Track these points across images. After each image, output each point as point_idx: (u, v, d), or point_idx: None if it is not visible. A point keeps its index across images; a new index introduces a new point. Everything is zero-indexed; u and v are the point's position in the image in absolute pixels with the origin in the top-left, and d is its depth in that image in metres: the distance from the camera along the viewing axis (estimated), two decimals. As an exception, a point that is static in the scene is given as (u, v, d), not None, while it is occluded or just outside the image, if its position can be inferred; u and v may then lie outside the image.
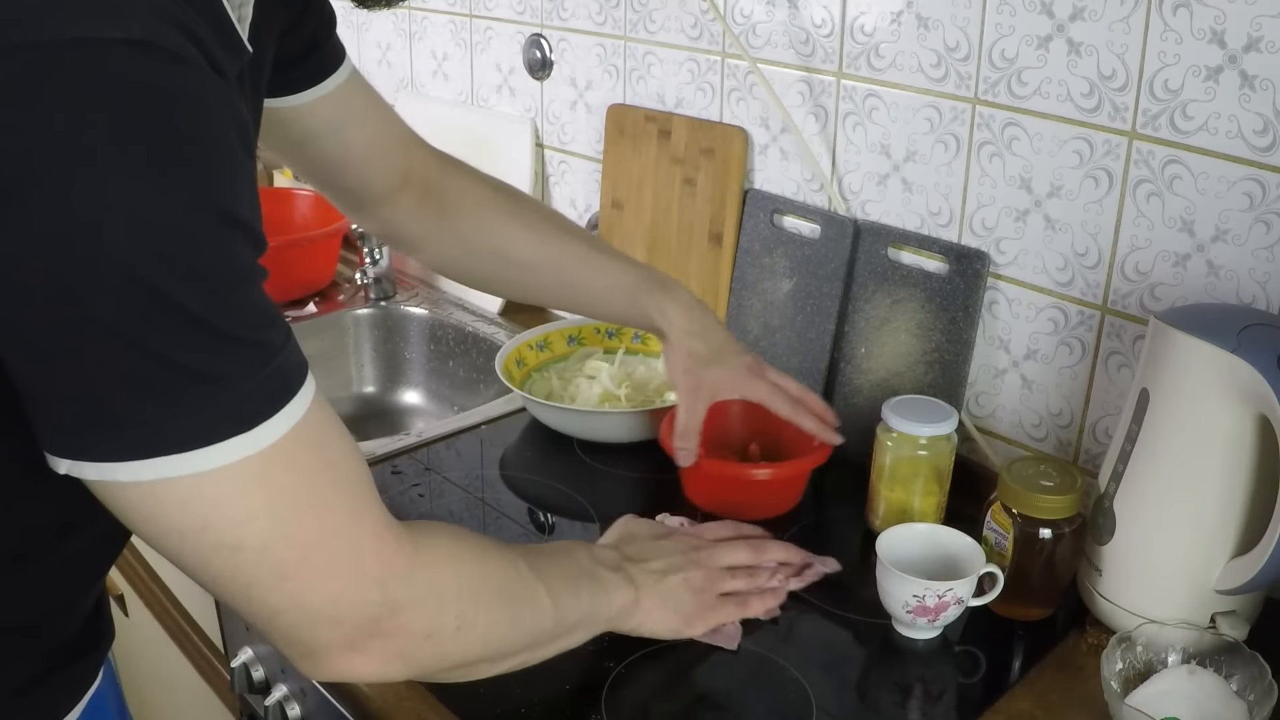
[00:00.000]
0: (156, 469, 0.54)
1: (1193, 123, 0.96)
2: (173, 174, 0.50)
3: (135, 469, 0.54)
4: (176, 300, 0.51)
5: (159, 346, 0.51)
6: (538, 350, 1.39)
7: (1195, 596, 0.89)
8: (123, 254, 0.49)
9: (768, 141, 1.32)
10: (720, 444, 1.16)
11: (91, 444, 0.53)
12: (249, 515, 0.57)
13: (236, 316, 0.54)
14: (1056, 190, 1.07)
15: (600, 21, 1.47)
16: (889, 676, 0.93)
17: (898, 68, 1.16)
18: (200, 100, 0.51)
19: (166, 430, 0.53)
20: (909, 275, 1.19)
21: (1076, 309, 1.09)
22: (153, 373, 0.52)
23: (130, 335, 0.51)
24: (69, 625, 0.74)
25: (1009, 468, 0.97)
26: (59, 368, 0.52)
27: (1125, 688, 0.84)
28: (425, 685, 0.88)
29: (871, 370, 1.24)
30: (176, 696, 1.52)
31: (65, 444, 0.54)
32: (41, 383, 0.53)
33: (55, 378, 0.52)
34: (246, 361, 0.55)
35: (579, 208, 1.60)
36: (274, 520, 0.58)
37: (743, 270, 1.35)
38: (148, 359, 0.51)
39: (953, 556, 0.96)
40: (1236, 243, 0.96)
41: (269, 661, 1.07)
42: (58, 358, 0.51)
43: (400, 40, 1.83)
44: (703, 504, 1.12)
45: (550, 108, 1.59)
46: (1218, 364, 0.84)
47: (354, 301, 1.71)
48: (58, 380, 0.52)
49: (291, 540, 0.59)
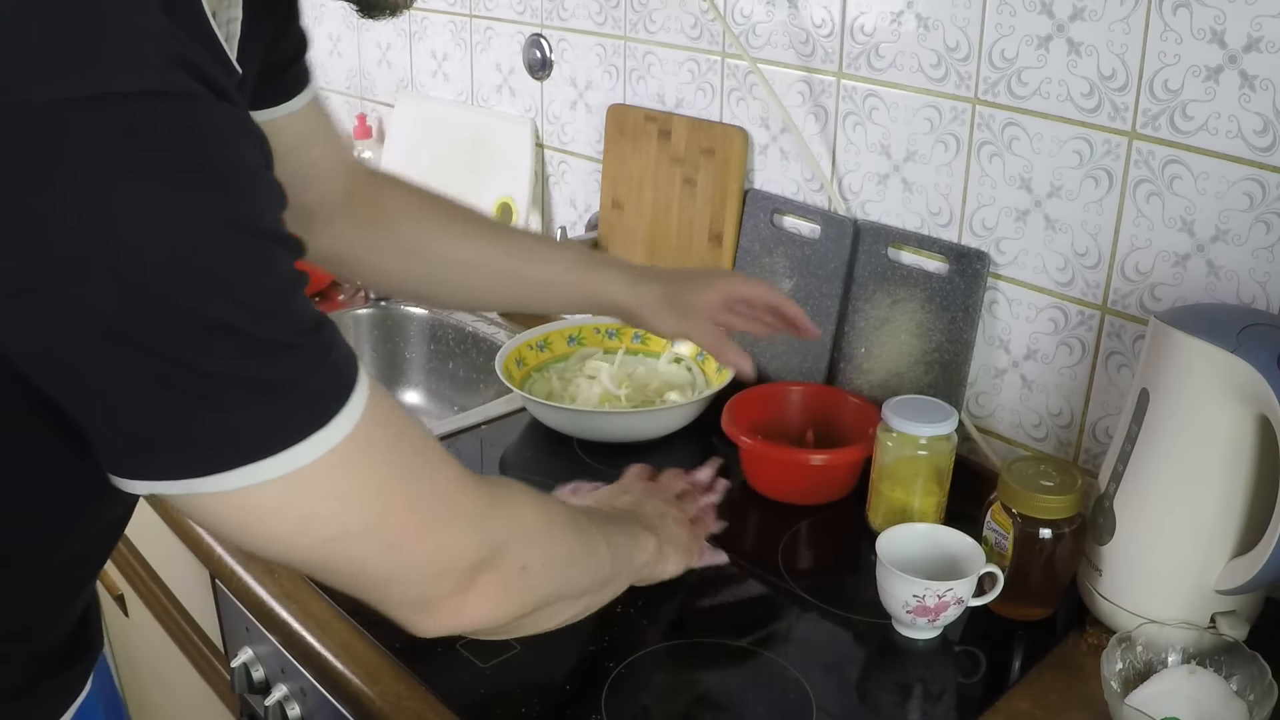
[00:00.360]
0: (244, 477, 0.55)
1: (1193, 123, 0.96)
2: (209, 205, 0.51)
3: (220, 481, 0.55)
4: (229, 322, 0.52)
5: (221, 367, 0.53)
6: (538, 350, 1.39)
7: (1195, 596, 0.89)
8: (172, 286, 0.50)
9: (768, 141, 1.32)
10: (777, 430, 1.20)
11: (171, 464, 0.55)
12: (343, 503, 0.60)
13: (289, 324, 0.56)
14: (1056, 190, 1.07)
15: (600, 21, 1.47)
16: (889, 676, 0.93)
17: (898, 68, 1.16)
18: (222, 132, 0.53)
19: (245, 440, 0.55)
20: (909, 275, 1.19)
21: (1076, 309, 1.09)
22: (221, 390, 0.53)
23: (191, 362, 0.52)
24: (56, 633, 0.74)
25: (1009, 468, 0.97)
26: (123, 402, 0.53)
27: (1125, 688, 0.84)
28: (426, 685, 0.88)
29: (871, 370, 1.24)
30: (176, 696, 1.52)
31: (144, 468, 0.55)
32: (106, 416, 0.54)
33: (121, 411, 0.53)
34: (307, 361, 0.57)
35: (579, 208, 1.60)
36: (367, 500, 0.61)
37: (743, 270, 1.35)
38: (212, 379, 0.53)
39: (953, 556, 0.96)
40: (1236, 243, 0.96)
41: (269, 661, 1.07)
42: (120, 393, 0.53)
43: (400, 40, 1.83)
44: (760, 488, 1.16)
45: (550, 108, 1.59)
46: (1218, 364, 0.84)
47: (354, 301, 1.71)
48: (123, 413, 0.53)
49: (387, 512, 0.62)
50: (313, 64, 0.95)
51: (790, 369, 1.31)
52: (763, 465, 1.16)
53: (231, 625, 1.15)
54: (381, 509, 0.62)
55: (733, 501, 1.16)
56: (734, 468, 1.19)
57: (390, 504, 0.62)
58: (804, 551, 1.10)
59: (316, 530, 0.59)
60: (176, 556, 1.26)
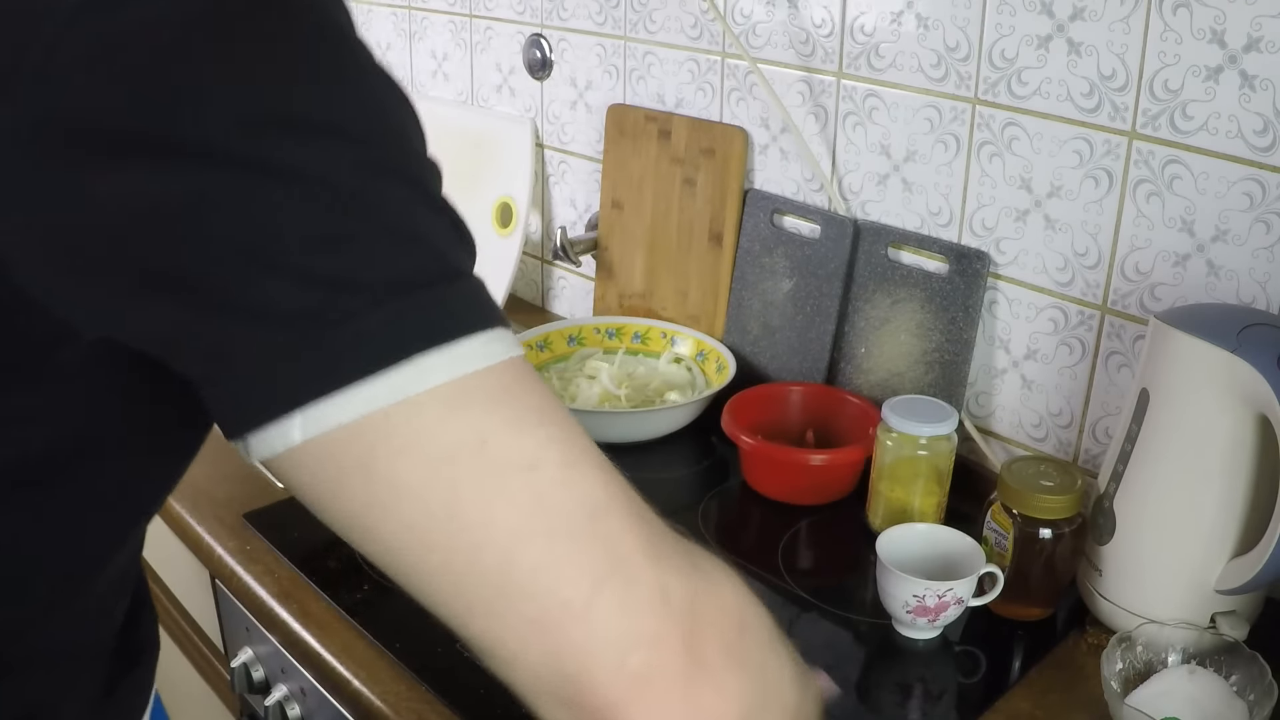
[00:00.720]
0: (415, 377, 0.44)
1: (1193, 123, 0.96)
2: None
3: (386, 385, 0.43)
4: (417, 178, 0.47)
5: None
6: (538, 350, 1.39)
7: (1195, 596, 0.89)
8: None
9: (768, 141, 1.32)
10: (777, 430, 1.20)
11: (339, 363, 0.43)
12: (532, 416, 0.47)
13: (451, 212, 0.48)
14: (1056, 190, 1.07)
15: (600, 21, 1.47)
16: (889, 676, 0.93)
17: (898, 68, 1.16)
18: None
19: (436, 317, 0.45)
20: (909, 275, 1.19)
21: (1076, 309, 1.09)
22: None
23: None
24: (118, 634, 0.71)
25: (1009, 468, 0.97)
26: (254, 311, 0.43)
27: (1125, 688, 0.84)
28: (426, 685, 0.88)
29: (871, 370, 1.24)
30: (176, 696, 1.52)
31: (283, 395, 0.44)
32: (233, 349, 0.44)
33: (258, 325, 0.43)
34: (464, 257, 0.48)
35: (579, 208, 1.60)
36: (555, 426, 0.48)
37: (743, 270, 1.35)
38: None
39: (953, 556, 0.96)
40: (1236, 243, 0.96)
41: (269, 661, 1.07)
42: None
43: (400, 40, 1.83)
44: (760, 488, 1.16)
45: (550, 108, 1.59)
46: (1218, 364, 0.84)
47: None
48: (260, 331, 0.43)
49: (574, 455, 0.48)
50: None
51: (790, 369, 1.31)
52: (763, 465, 1.16)
53: (231, 625, 1.15)
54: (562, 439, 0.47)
55: (733, 501, 1.17)
56: (734, 468, 1.19)
57: (566, 446, 0.47)
58: (804, 551, 1.10)
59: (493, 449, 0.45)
60: (176, 556, 1.26)
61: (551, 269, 1.67)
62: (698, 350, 1.38)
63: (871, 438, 1.09)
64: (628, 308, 1.49)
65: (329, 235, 0.44)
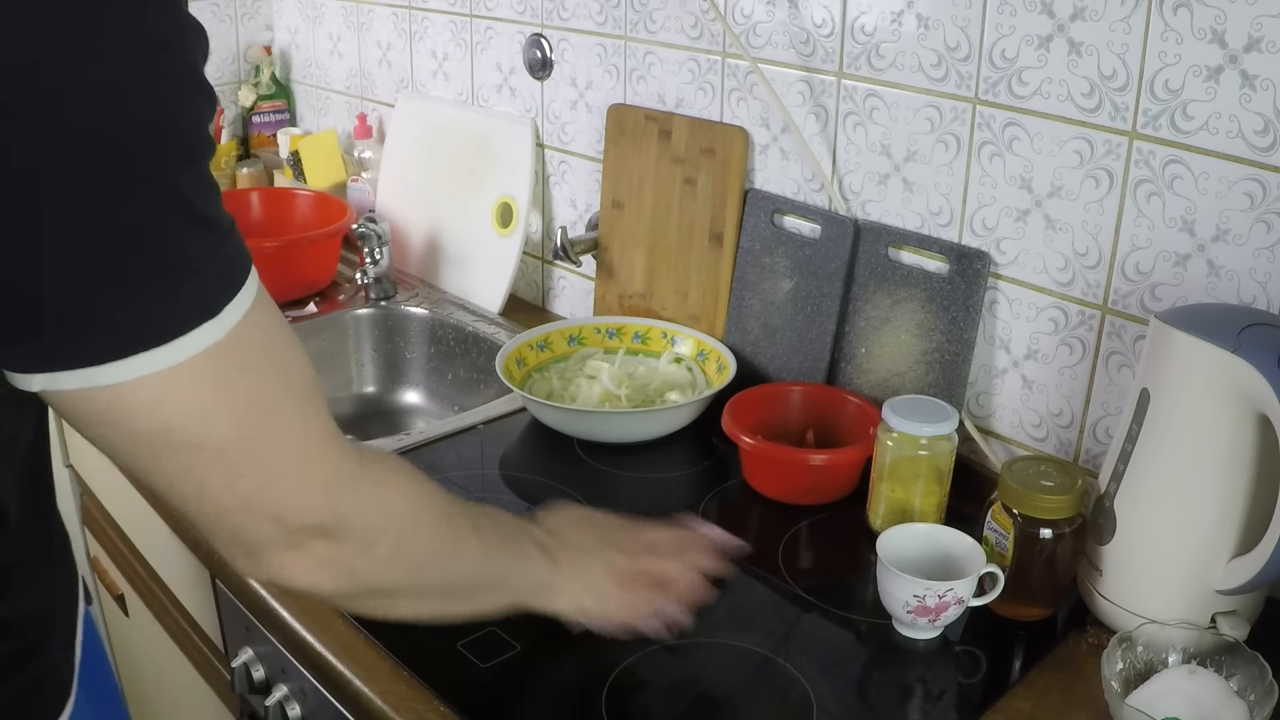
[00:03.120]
0: (136, 366, 0.55)
1: (1193, 123, 0.96)
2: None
3: (118, 370, 0.55)
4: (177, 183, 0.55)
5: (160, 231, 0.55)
6: (538, 350, 1.39)
7: (1195, 596, 0.89)
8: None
9: (768, 141, 1.32)
10: (777, 430, 1.20)
11: (73, 350, 0.55)
12: (209, 414, 0.59)
13: (209, 194, 0.58)
14: (1057, 190, 1.07)
15: (600, 21, 1.47)
16: (889, 676, 0.93)
17: (898, 68, 1.16)
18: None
19: (149, 323, 0.55)
20: (909, 275, 1.19)
21: (1077, 309, 1.09)
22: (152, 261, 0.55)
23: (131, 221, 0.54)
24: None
25: (1009, 468, 0.97)
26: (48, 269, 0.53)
27: (1125, 688, 0.84)
28: (426, 685, 0.88)
29: (872, 370, 1.24)
30: (176, 696, 1.52)
31: (41, 356, 0.55)
32: (23, 289, 0.54)
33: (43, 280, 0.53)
34: (210, 244, 0.57)
35: (579, 207, 1.60)
36: (231, 418, 0.60)
37: (743, 270, 1.35)
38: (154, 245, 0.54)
39: (953, 556, 0.96)
40: (1237, 243, 0.96)
41: (269, 661, 1.07)
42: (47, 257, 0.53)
43: (400, 40, 1.83)
44: (760, 488, 1.16)
45: (550, 108, 1.59)
46: (1218, 364, 0.84)
47: (354, 301, 1.71)
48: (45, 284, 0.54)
49: (246, 439, 0.61)
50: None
51: (790, 369, 1.31)
52: (763, 465, 1.16)
53: (232, 625, 1.15)
54: (239, 434, 0.61)
55: (733, 501, 1.17)
56: (734, 468, 1.19)
57: (249, 432, 0.61)
58: (804, 551, 1.10)
59: (177, 436, 0.59)
60: (176, 556, 1.27)
61: (552, 269, 1.67)
62: (698, 350, 1.38)
63: (872, 438, 1.09)
64: (628, 308, 1.49)
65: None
